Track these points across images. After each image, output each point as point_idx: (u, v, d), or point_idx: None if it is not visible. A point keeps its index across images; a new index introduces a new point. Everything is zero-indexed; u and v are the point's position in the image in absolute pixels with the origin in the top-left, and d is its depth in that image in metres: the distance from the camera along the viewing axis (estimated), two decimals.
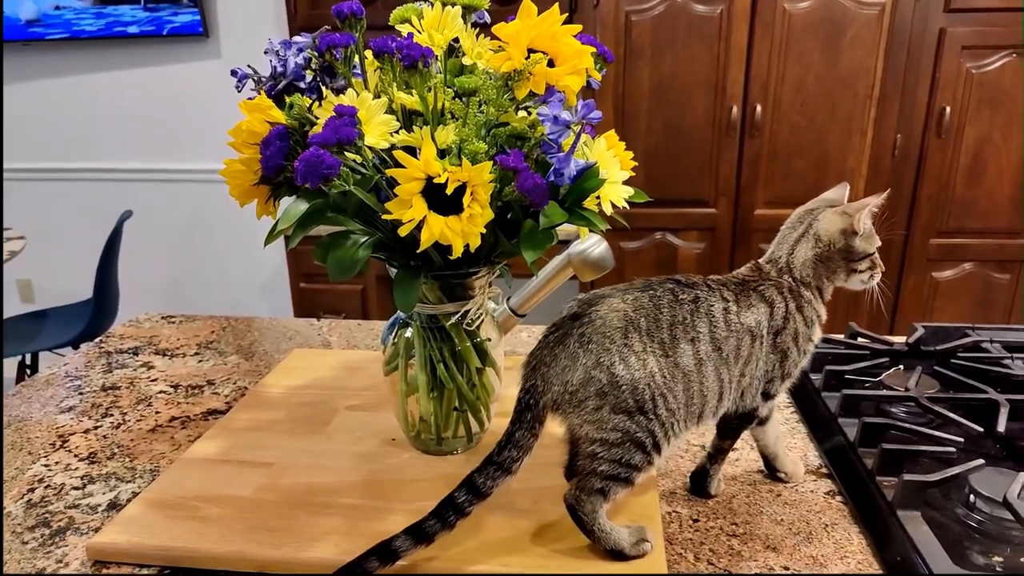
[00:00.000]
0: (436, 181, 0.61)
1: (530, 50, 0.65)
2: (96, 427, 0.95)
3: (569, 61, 0.66)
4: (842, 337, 1.09)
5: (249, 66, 0.76)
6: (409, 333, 0.80)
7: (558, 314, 0.67)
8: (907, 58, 2.32)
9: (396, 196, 0.62)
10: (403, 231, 0.62)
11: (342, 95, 0.67)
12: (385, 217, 0.63)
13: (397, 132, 0.66)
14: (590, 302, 0.66)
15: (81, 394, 1.05)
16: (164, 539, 0.70)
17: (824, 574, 0.66)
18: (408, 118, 0.70)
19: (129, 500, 0.78)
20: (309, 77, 0.73)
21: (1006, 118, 2.35)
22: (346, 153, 0.62)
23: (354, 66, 0.71)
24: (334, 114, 0.62)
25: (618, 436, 0.63)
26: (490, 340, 0.81)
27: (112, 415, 0.98)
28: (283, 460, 0.83)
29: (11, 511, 0.77)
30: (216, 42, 3.03)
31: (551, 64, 0.66)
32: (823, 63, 2.34)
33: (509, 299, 0.88)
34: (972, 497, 0.71)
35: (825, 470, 0.82)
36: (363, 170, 0.65)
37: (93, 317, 2.63)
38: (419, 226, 0.62)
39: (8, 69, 3.16)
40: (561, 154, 0.66)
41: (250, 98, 0.70)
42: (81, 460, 0.87)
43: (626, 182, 0.71)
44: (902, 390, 0.91)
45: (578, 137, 0.67)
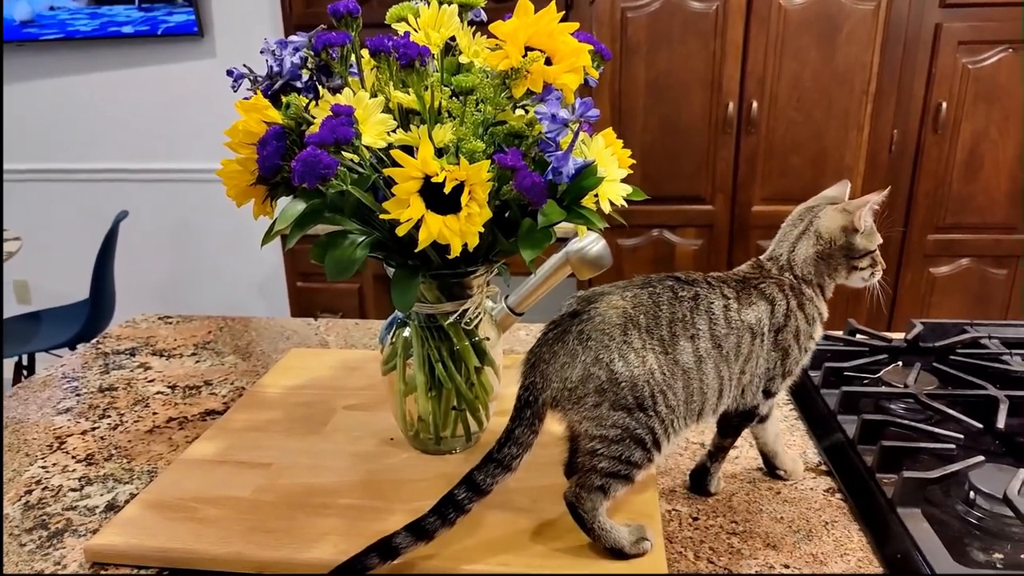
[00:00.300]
0: (434, 180, 0.61)
1: (527, 48, 0.65)
2: (93, 428, 0.95)
3: (566, 59, 0.66)
4: (841, 334, 1.09)
5: (245, 65, 0.75)
6: (407, 332, 0.80)
7: (557, 311, 0.67)
8: (903, 53, 2.32)
9: (394, 195, 0.62)
10: (401, 230, 0.62)
11: (339, 94, 0.67)
12: (383, 217, 0.63)
13: (394, 131, 0.66)
14: (589, 299, 0.66)
15: (78, 395, 1.04)
16: (162, 540, 0.69)
17: (824, 572, 0.66)
18: (405, 117, 0.70)
19: (127, 501, 0.78)
20: (305, 76, 0.73)
21: (1003, 113, 2.35)
22: (343, 153, 0.62)
23: (350, 65, 0.71)
24: (331, 113, 0.62)
25: (618, 433, 0.63)
26: (488, 339, 0.81)
27: (109, 416, 0.98)
28: (281, 460, 0.82)
29: (9, 513, 0.77)
30: (211, 42, 3.02)
31: (548, 62, 0.66)
32: (819, 59, 2.34)
33: (507, 298, 0.87)
34: (972, 494, 0.70)
35: (824, 467, 0.82)
36: (360, 170, 0.64)
37: (89, 318, 2.62)
38: (417, 225, 0.62)
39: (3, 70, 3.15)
40: (559, 152, 0.66)
41: (246, 98, 0.70)
42: (79, 462, 0.87)
43: (623, 180, 0.71)
44: (901, 387, 0.91)
45: (576, 135, 0.67)
